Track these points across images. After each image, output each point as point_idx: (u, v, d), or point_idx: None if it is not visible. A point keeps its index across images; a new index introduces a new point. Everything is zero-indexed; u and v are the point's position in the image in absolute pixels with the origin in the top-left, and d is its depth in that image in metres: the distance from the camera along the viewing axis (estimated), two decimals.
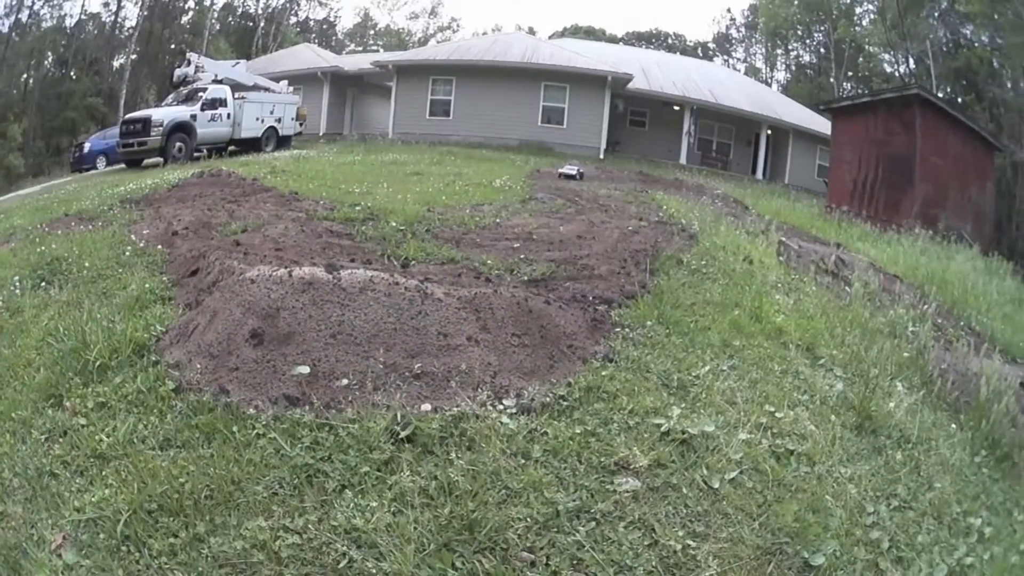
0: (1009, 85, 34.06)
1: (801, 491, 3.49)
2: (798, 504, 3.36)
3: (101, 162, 24.70)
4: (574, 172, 16.27)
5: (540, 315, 4.60)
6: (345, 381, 3.70)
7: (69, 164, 28.21)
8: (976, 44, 34.97)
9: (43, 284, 6.36)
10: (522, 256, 6.84)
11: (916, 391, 5.07)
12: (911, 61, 39.66)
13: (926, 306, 7.01)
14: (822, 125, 27.08)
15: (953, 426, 4.76)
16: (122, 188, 12.51)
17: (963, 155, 18.41)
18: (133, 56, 43.81)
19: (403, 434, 3.29)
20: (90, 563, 2.71)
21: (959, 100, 35.20)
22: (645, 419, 3.67)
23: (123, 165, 20.39)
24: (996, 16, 30.62)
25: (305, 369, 3.76)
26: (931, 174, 17.16)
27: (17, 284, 6.39)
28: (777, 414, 4.09)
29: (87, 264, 6.63)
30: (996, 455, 4.57)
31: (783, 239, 9.41)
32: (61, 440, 3.53)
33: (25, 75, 41.83)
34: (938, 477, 4.03)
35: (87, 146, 26.00)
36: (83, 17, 43.29)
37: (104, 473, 3.23)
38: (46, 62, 42.72)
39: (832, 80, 46.83)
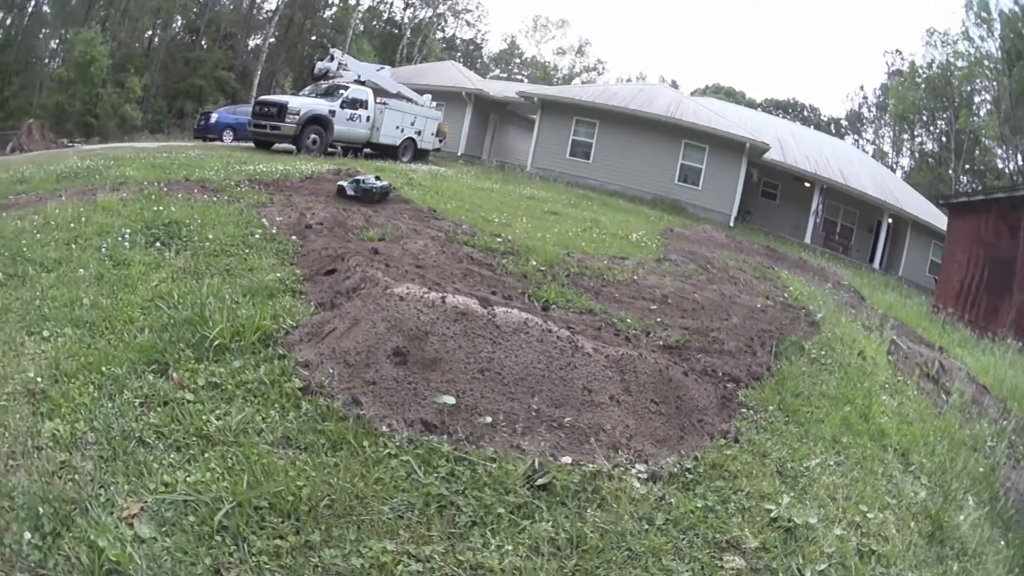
0: None
1: None
2: None
3: (228, 135, 25.55)
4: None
5: (678, 385, 4.71)
6: (489, 419, 3.79)
7: (193, 130, 29.16)
8: None
9: (157, 244, 6.31)
10: (658, 319, 6.90)
11: (983, 507, 5.09)
12: (1019, 157, 38.22)
13: (1006, 422, 6.94)
14: (938, 218, 26.29)
15: (1002, 543, 4.77)
16: (251, 167, 12.80)
17: None
18: (271, 40, 45.53)
19: (540, 481, 3.39)
20: (170, 543, 2.67)
21: None
22: (759, 503, 3.84)
23: (252, 144, 20.64)
24: None
25: (451, 399, 3.81)
26: None
27: (126, 236, 6.33)
28: (869, 514, 4.21)
29: (210, 236, 6.61)
30: None
31: (895, 338, 9.35)
32: (159, 409, 3.50)
33: (150, 32, 43.83)
34: None
35: (215, 116, 26.87)
36: None
37: (207, 455, 3.19)
38: (174, 24, 44.73)
39: (951, 172, 45.49)
